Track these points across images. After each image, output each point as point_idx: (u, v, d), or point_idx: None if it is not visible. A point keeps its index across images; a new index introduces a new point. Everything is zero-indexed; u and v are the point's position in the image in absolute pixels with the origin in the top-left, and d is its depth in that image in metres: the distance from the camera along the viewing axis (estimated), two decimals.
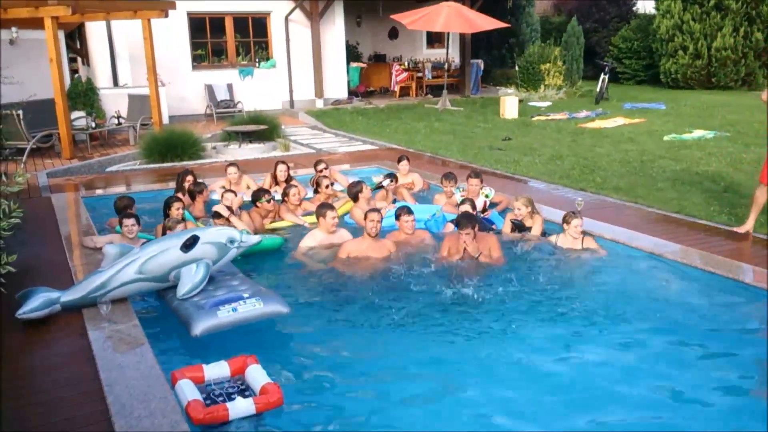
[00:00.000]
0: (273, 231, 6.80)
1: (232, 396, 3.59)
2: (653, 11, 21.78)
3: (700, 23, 19.21)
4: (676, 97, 17.65)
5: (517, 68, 20.24)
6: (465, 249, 5.70)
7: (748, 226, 6.15)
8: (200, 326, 4.27)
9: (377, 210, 6.04)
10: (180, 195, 7.23)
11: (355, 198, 7.10)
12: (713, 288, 5.12)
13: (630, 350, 4.31)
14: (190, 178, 7.67)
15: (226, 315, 4.35)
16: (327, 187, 7.51)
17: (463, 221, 5.73)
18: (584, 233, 6.03)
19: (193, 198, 7.30)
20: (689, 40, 19.42)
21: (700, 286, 5.20)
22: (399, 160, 8.55)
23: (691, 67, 19.57)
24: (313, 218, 6.87)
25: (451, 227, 6.54)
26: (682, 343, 4.41)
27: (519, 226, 6.34)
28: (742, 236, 6.09)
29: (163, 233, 5.91)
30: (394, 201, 7.52)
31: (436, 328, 4.69)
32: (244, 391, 3.66)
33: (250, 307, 4.44)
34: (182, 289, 4.64)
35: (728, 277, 5.16)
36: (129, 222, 5.92)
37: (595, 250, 5.90)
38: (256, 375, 3.69)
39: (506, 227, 6.43)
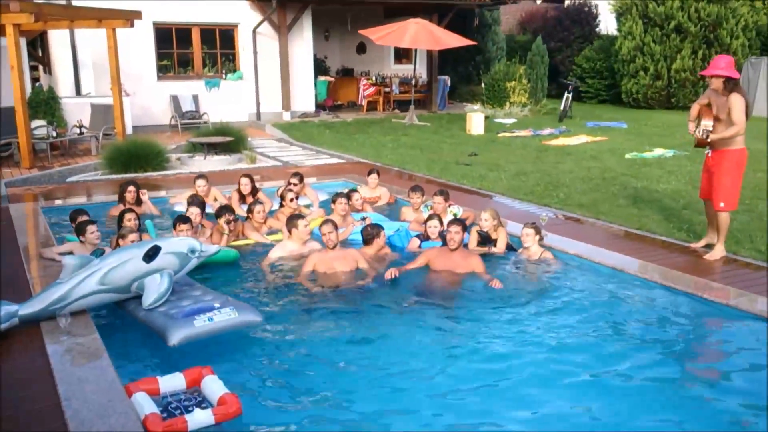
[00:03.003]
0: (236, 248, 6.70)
1: (190, 408, 3.55)
2: (615, 32, 22.30)
3: (661, 45, 19.74)
4: (637, 117, 18.06)
5: (483, 85, 20.49)
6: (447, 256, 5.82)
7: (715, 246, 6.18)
8: (177, 336, 4.25)
9: (330, 221, 6.04)
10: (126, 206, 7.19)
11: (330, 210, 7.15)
12: (672, 302, 5.24)
13: (587, 360, 4.38)
14: (131, 188, 7.59)
15: (202, 324, 4.35)
16: (291, 200, 7.44)
17: (455, 220, 6.04)
18: (543, 247, 6.21)
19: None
20: (650, 61, 19.93)
21: (659, 300, 5.30)
22: (369, 173, 8.57)
23: (652, 87, 20.07)
24: (277, 236, 6.81)
25: (416, 242, 6.57)
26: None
27: (485, 238, 6.41)
28: (702, 253, 6.18)
29: (116, 243, 5.85)
30: (363, 216, 7.50)
31: (403, 339, 4.69)
32: (201, 402, 3.62)
33: (226, 317, 4.46)
34: (148, 299, 4.59)
35: (689, 292, 5.27)
36: (93, 228, 5.96)
37: (551, 262, 6.07)
38: (213, 386, 3.66)
39: (472, 239, 6.49)
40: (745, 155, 5.99)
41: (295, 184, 8.05)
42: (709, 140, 5.87)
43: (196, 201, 6.91)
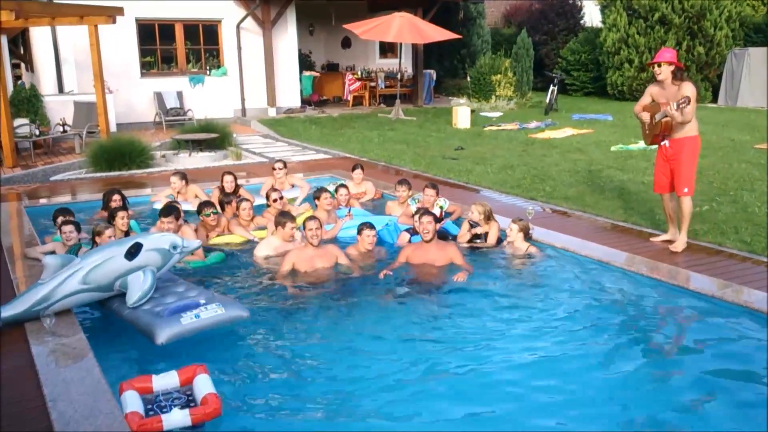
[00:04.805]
0: (221, 244, 6.66)
1: (176, 407, 3.52)
2: (600, 25, 22.37)
3: (645, 37, 19.82)
4: (622, 109, 18.11)
5: (468, 79, 20.51)
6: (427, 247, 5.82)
7: (679, 237, 6.12)
8: (164, 334, 4.22)
9: (315, 218, 6.00)
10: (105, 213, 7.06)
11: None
12: (658, 293, 5.26)
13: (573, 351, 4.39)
14: (116, 197, 7.42)
15: (189, 321, 4.32)
16: (275, 201, 7.35)
17: (426, 211, 6.01)
18: (530, 242, 6.22)
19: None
20: (634, 53, 20.01)
21: (646, 292, 5.32)
22: (353, 169, 8.55)
23: (637, 79, 20.14)
24: (263, 233, 6.77)
25: (406, 237, 6.55)
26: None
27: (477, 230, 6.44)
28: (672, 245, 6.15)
29: (93, 242, 5.79)
30: (349, 210, 7.47)
31: (389, 335, 4.68)
32: (190, 401, 3.59)
33: (213, 313, 4.42)
34: (132, 298, 4.55)
35: (674, 284, 5.29)
36: (67, 229, 5.87)
37: (537, 256, 6.10)
38: (201, 385, 3.63)
39: (464, 230, 6.49)
40: (699, 141, 6.07)
41: (280, 168, 8.36)
42: (687, 107, 5.69)
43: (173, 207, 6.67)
